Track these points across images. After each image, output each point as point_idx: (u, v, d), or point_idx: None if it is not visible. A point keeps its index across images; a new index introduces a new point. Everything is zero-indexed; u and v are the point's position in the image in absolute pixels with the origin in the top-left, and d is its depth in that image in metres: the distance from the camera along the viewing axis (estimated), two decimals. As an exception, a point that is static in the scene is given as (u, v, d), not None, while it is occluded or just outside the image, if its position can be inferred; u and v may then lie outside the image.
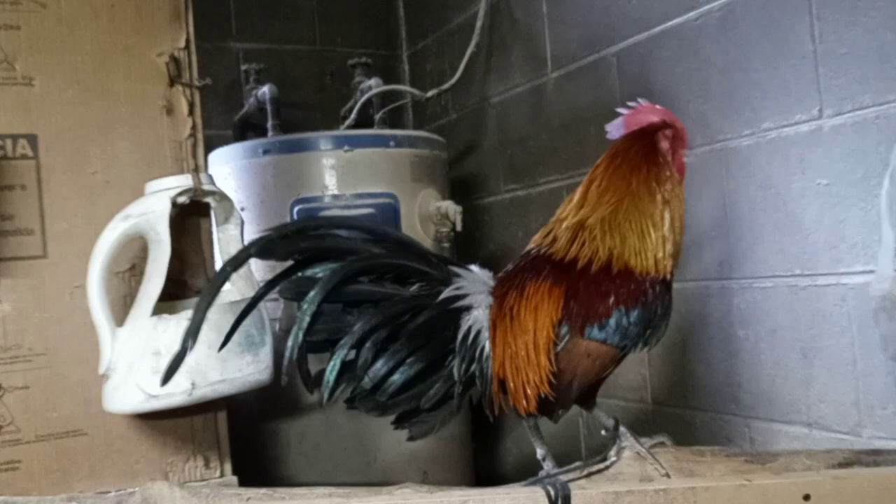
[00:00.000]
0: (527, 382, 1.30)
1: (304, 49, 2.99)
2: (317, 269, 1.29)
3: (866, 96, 1.58)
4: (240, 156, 2.28)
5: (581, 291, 1.31)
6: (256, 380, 1.53)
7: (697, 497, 1.22)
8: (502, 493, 1.26)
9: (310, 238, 1.31)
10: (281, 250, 1.30)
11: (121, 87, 1.60)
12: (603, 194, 1.36)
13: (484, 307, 1.33)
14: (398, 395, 1.30)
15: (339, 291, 1.28)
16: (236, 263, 1.29)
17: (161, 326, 1.47)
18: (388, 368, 1.28)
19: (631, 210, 1.33)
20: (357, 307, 1.30)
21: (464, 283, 1.34)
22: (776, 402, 1.79)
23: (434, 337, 1.31)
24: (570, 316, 1.30)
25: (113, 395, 1.49)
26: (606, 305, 1.30)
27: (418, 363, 1.30)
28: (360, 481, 2.10)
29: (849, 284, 1.63)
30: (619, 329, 1.30)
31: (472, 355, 1.32)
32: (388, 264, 1.33)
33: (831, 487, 1.22)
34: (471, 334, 1.32)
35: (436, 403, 1.32)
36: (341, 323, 1.28)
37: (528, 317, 1.31)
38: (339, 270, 1.27)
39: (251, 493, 1.38)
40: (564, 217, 1.39)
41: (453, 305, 1.33)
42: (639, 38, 2.08)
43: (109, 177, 1.60)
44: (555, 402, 1.32)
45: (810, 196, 1.70)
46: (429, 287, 1.33)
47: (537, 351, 1.30)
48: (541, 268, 1.35)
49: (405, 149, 2.29)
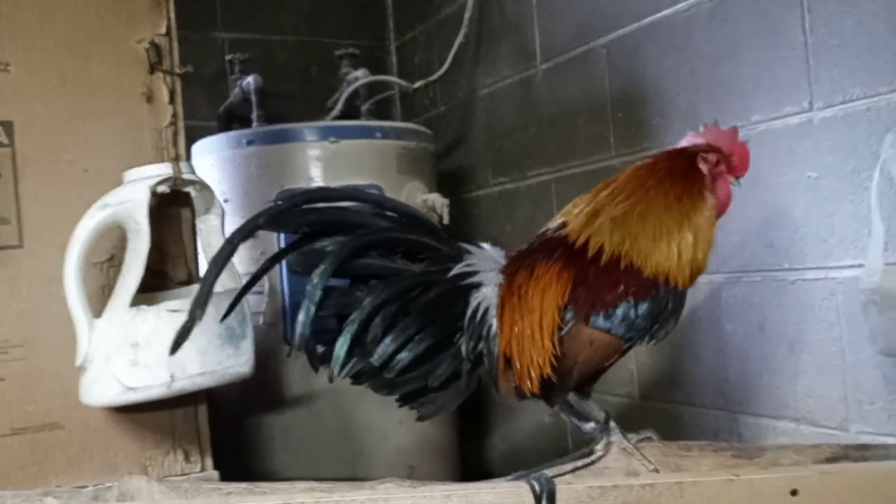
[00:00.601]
0: (531, 363, 1.29)
1: (291, 39, 2.96)
2: (325, 243, 1.26)
3: (857, 88, 1.56)
4: (223, 146, 2.25)
5: (590, 279, 1.30)
6: (237, 373, 1.50)
7: (684, 492, 1.21)
8: (486, 488, 1.24)
9: (319, 210, 1.29)
10: (290, 221, 1.27)
11: (99, 74, 1.57)
12: (620, 193, 1.35)
13: (493, 285, 1.32)
14: (407, 373, 1.28)
15: (349, 265, 1.26)
16: (244, 234, 1.25)
17: (140, 318, 1.44)
18: (398, 345, 1.26)
19: (646, 214, 1.31)
20: (366, 282, 1.28)
21: (474, 261, 1.33)
22: (764, 397, 1.78)
23: (444, 313, 1.29)
24: (576, 302, 1.29)
25: (90, 388, 1.47)
26: (614, 295, 1.29)
27: (427, 340, 1.27)
28: (346, 476, 2.08)
29: (837, 278, 1.62)
30: (625, 320, 1.29)
31: (479, 333, 1.30)
32: (399, 238, 1.31)
33: (819, 482, 1.21)
34: (479, 312, 1.30)
35: (444, 382, 1.30)
36: (350, 298, 1.26)
37: (536, 298, 1.30)
38: (349, 243, 1.25)
39: (231, 487, 1.37)
40: (581, 204, 1.38)
41: (463, 282, 1.31)
42: (628, 30, 2.06)
43: (87, 165, 1.57)
44: (556, 385, 1.31)
45: (800, 189, 1.68)
46: (439, 263, 1.31)
47: (542, 332, 1.28)
48: (553, 250, 1.33)
49: (392, 140, 2.27)
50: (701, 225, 1.32)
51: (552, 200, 2.34)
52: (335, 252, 1.24)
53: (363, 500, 1.21)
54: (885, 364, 1.53)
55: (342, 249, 1.24)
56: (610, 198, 1.35)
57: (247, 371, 1.52)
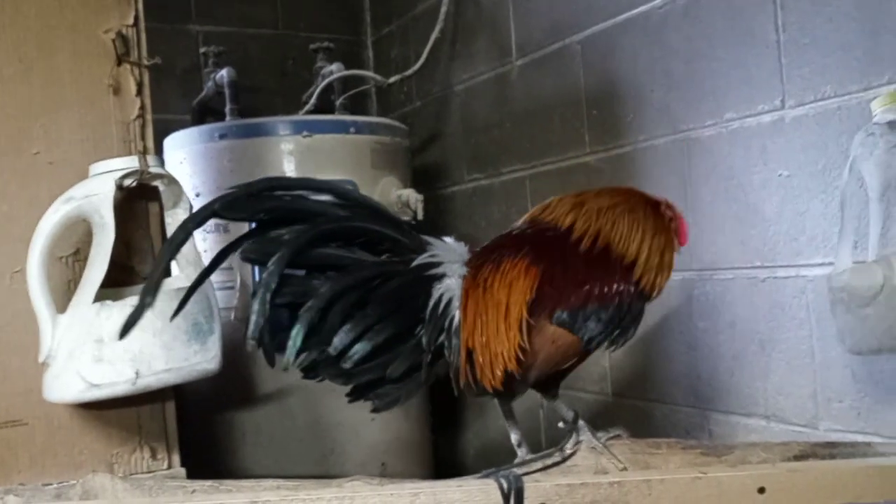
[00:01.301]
0: (494, 357, 1.28)
1: (267, 33, 2.93)
2: (283, 231, 1.24)
3: (828, 87, 1.57)
4: (195, 140, 2.23)
5: (557, 276, 1.30)
6: (204, 369, 1.48)
7: (652, 489, 1.21)
8: (454, 485, 1.24)
9: (277, 198, 1.26)
10: (247, 208, 1.25)
11: (65, 65, 1.54)
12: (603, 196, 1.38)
13: (457, 276, 1.31)
14: (364, 363, 1.25)
15: (307, 254, 1.24)
16: (198, 220, 1.23)
17: (104, 313, 1.42)
18: (356, 334, 1.24)
19: (627, 214, 1.35)
20: (323, 273, 1.25)
21: (437, 252, 1.32)
22: (735, 395, 1.78)
23: (405, 304, 1.28)
24: (542, 297, 1.29)
25: (53, 384, 1.44)
26: (579, 295, 1.29)
27: (387, 330, 1.26)
28: (318, 473, 2.07)
29: (808, 277, 1.62)
30: (587, 321, 1.29)
31: (441, 325, 1.28)
32: (359, 228, 1.29)
33: (786, 480, 1.21)
34: (442, 303, 1.29)
35: (402, 374, 1.28)
36: (307, 287, 1.24)
37: (502, 291, 1.29)
38: (307, 231, 1.23)
39: (196, 485, 1.35)
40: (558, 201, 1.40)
41: (426, 273, 1.30)
42: (604, 26, 2.06)
43: (53, 157, 1.55)
44: (516, 381, 1.30)
45: (772, 187, 1.68)
46: (400, 254, 1.30)
47: (508, 325, 1.28)
48: (520, 246, 1.33)
49: (366, 135, 2.25)
50: (671, 239, 1.36)
51: (527, 197, 2.34)
52: (292, 240, 1.22)
53: (329, 498, 1.20)
54: (853, 362, 1.53)
55: (299, 238, 1.22)
56: (594, 199, 1.37)
57: (214, 367, 1.50)
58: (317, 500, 1.19)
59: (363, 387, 1.29)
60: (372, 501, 1.20)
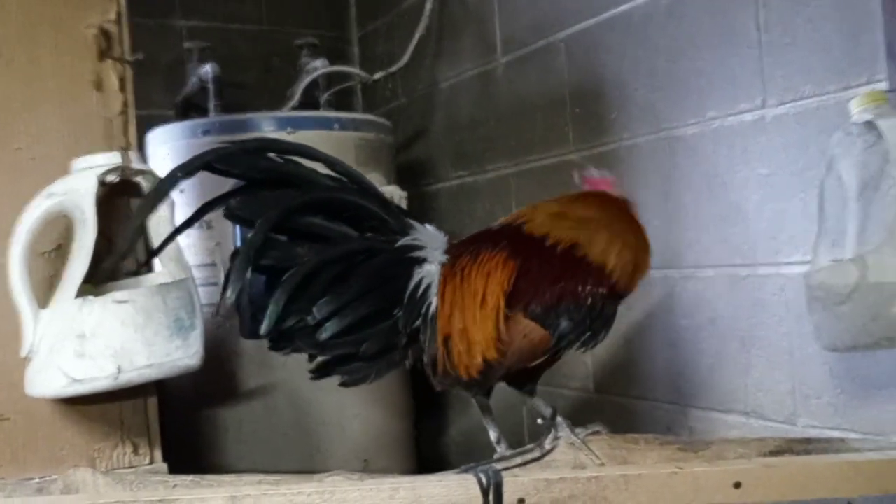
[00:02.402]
0: (472, 344, 1.28)
1: (252, 28, 2.93)
2: (272, 194, 1.22)
3: (808, 86, 1.58)
4: (179, 136, 2.23)
5: (533, 271, 1.31)
6: (186, 365, 1.48)
7: (629, 484, 1.22)
8: (434, 480, 1.24)
9: (271, 159, 1.25)
10: (241, 164, 1.23)
11: (48, 61, 1.54)
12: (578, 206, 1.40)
13: (437, 263, 1.31)
14: (339, 337, 1.24)
15: (295, 220, 1.22)
16: (188, 170, 1.20)
17: (86, 309, 1.42)
18: (336, 307, 1.23)
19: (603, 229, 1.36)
20: (308, 241, 1.24)
21: (420, 236, 1.32)
22: (715, 391, 1.80)
23: (386, 284, 1.28)
24: (518, 291, 1.30)
25: (35, 379, 1.44)
26: (554, 291, 1.30)
27: (365, 307, 1.25)
28: (301, 469, 2.07)
29: (787, 274, 1.64)
30: (559, 318, 1.30)
31: (419, 309, 1.29)
32: (351, 202, 1.28)
33: (762, 475, 1.22)
34: (421, 287, 1.29)
35: (376, 353, 1.28)
36: (291, 253, 1.23)
37: (479, 280, 1.30)
38: (298, 197, 1.22)
39: (178, 480, 1.36)
40: (537, 206, 1.41)
41: (409, 255, 1.30)
42: (588, 24, 2.06)
43: (35, 153, 1.55)
44: (492, 371, 1.31)
45: (753, 186, 1.70)
46: (385, 233, 1.30)
47: (485, 314, 1.28)
48: (497, 241, 1.34)
49: (350, 132, 2.26)
50: (646, 239, 1.39)
51: (511, 194, 2.35)
52: (284, 203, 1.20)
53: (310, 493, 1.21)
54: (831, 359, 1.55)
55: (290, 202, 1.21)
56: (571, 209, 1.39)
57: (195, 363, 1.50)
58: (297, 494, 1.20)
59: (334, 361, 1.28)
60: (352, 496, 1.21)
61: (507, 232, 1.36)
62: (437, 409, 2.68)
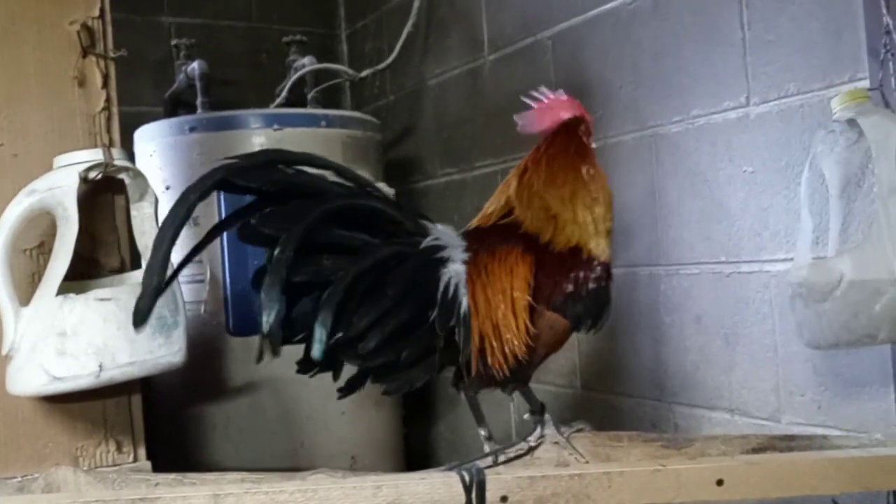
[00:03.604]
0: (506, 342, 1.28)
1: (240, 25, 2.92)
2: (288, 207, 1.18)
3: (791, 84, 1.58)
4: (165, 133, 2.22)
5: (547, 264, 1.33)
6: (168, 362, 1.48)
7: (612, 482, 1.22)
8: (417, 478, 1.24)
9: (282, 171, 1.21)
10: (255, 178, 1.18)
11: (30, 57, 1.54)
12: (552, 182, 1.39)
13: (460, 262, 1.30)
14: (382, 346, 1.22)
15: (318, 232, 1.19)
16: (201, 192, 1.14)
17: (67, 306, 1.41)
18: (376, 316, 1.21)
19: (580, 197, 1.37)
20: (331, 252, 1.21)
21: (439, 235, 1.31)
22: (700, 388, 1.80)
23: (418, 288, 1.26)
24: (539, 285, 1.31)
25: (16, 377, 1.44)
26: (568, 281, 1.32)
27: (403, 313, 1.23)
28: (288, 467, 2.07)
29: (771, 272, 1.64)
30: (575, 305, 1.32)
31: (452, 309, 1.27)
32: (369, 207, 1.25)
33: (744, 472, 1.23)
34: (451, 288, 1.27)
35: (417, 357, 1.26)
36: (320, 266, 1.19)
37: (505, 277, 1.30)
38: (318, 208, 1.18)
39: (160, 478, 1.36)
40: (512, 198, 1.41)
41: (434, 256, 1.28)
42: (574, 22, 2.07)
43: (17, 150, 1.54)
44: (524, 367, 1.31)
45: (737, 183, 1.70)
46: (404, 236, 1.27)
47: (516, 313, 1.29)
48: (507, 235, 1.35)
49: (337, 129, 2.25)
50: (607, 194, 1.39)
51: (498, 191, 2.34)
52: (307, 215, 1.16)
53: (292, 491, 1.20)
54: (814, 356, 1.56)
55: (312, 213, 1.17)
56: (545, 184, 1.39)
57: (178, 361, 1.50)
58: (279, 492, 1.20)
59: (376, 370, 1.26)
60: (334, 494, 1.21)
61: (506, 227, 1.36)
62: (424, 406, 2.68)
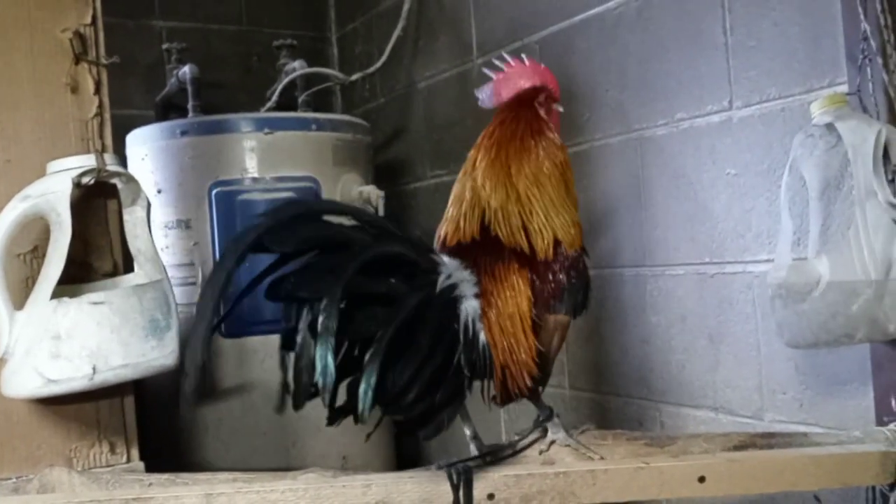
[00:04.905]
0: (523, 365, 1.31)
1: (231, 29, 2.94)
2: (318, 262, 1.18)
3: (773, 88, 1.61)
4: (157, 137, 2.24)
5: (539, 270, 1.34)
6: (161, 364, 1.50)
7: (596, 479, 1.25)
8: (406, 477, 1.27)
9: (312, 227, 1.20)
10: (290, 240, 1.17)
11: (23, 64, 1.56)
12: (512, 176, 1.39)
13: (472, 296, 1.30)
14: (421, 396, 1.22)
15: (353, 288, 1.17)
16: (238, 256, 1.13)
17: (61, 310, 1.43)
18: (415, 367, 1.20)
19: (540, 191, 1.37)
20: (360, 304, 1.19)
21: (450, 271, 1.30)
22: (685, 387, 1.83)
23: (444, 330, 1.26)
24: (538, 295, 1.33)
25: (11, 380, 1.46)
26: (560, 279, 1.34)
27: (436, 359, 1.23)
28: (280, 467, 2.09)
29: (754, 272, 1.67)
30: (570, 298, 1.35)
31: (474, 346, 1.28)
32: (392, 253, 1.24)
33: (725, 469, 1.26)
34: (470, 325, 1.28)
35: (448, 399, 1.26)
36: (355, 324, 1.18)
37: (511, 301, 1.32)
38: (351, 263, 1.17)
39: (153, 478, 1.37)
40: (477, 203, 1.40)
41: (451, 295, 1.28)
42: (561, 26, 2.09)
43: (10, 156, 1.56)
44: (540, 381, 1.34)
45: (720, 186, 1.73)
46: (421, 276, 1.26)
47: (526, 334, 1.31)
48: (499, 251, 1.36)
49: (327, 132, 2.28)
50: (570, 174, 1.41)
51: (487, 193, 2.36)
52: (340, 273, 1.16)
53: (283, 490, 1.23)
54: (796, 355, 1.59)
55: (345, 271, 1.16)
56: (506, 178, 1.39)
57: (171, 363, 1.52)
58: (270, 491, 1.22)
59: (417, 417, 1.25)
60: (325, 493, 1.23)
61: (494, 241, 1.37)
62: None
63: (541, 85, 1.41)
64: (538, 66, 1.43)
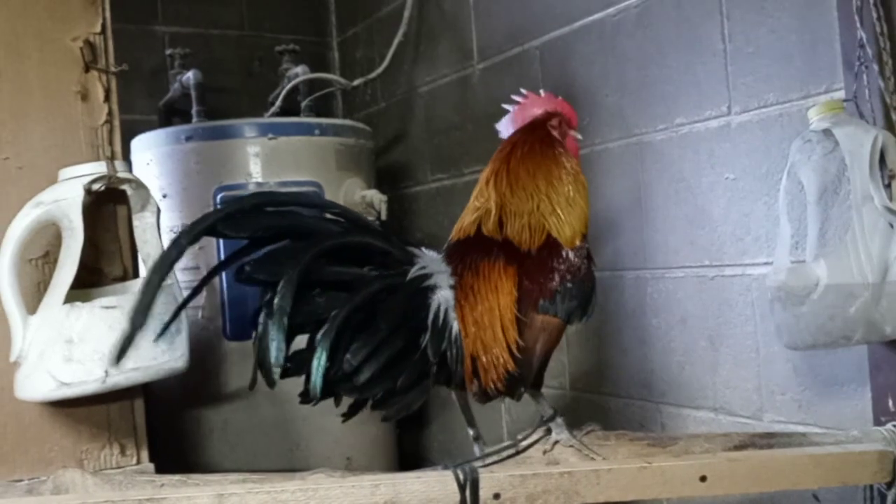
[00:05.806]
0: (496, 361, 1.33)
1: (233, 34, 2.96)
2: (281, 249, 1.24)
3: (771, 94, 1.64)
4: (162, 142, 2.26)
5: (530, 269, 1.36)
6: (171, 367, 1.52)
7: (600, 479, 1.27)
8: (413, 477, 1.29)
9: (271, 214, 1.26)
10: (246, 226, 1.24)
11: (34, 73, 1.58)
12: (517, 183, 1.42)
13: (447, 287, 1.35)
14: (377, 377, 1.27)
15: (313, 271, 1.24)
16: (192, 236, 1.20)
17: (73, 314, 1.46)
18: (370, 349, 1.26)
19: (550, 193, 1.40)
20: (323, 289, 1.26)
21: (426, 263, 1.35)
22: (685, 388, 1.86)
23: (409, 317, 1.31)
24: (525, 293, 1.35)
25: (24, 383, 1.48)
26: (552, 280, 1.36)
27: (396, 344, 1.29)
28: (284, 468, 2.11)
29: (753, 275, 1.70)
30: (564, 301, 1.36)
31: (443, 335, 1.32)
32: (359, 243, 1.30)
33: (726, 468, 1.28)
34: (440, 314, 1.33)
35: (412, 383, 1.31)
36: (314, 306, 1.25)
37: (491, 296, 1.34)
38: (310, 249, 1.23)
39: (165, 479, 1.39)
40: (483, 207, 1.44)
41: (422, 285, 1.33)
42: (561, 32, 2.12)
43: (22, 163, 1.58)
44: (519, 379, 1.36)
45: (719, 190, 1.76)
46: (392, 266, 1.32)
47: (504, 328, 1.33)
48: (488, 249, 1.38)
49: (330, 137, 2.30)
50: (581, 184, 1.42)
51: (488, 197, 2.39)
52: (301, 258, 1.22)
53: (293, 490, 1.25)
54: (795, 357, 1.61)
55: (306, 255, 1.22)
56: (510, 185, 1.42)
57: (181, 366, 1.54)
58: (281, 492, 1.25)
59: (374, 398, 1.31)
60: (334, 493, 1.25)
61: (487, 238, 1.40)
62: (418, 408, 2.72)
63: (554, 111, 1.45)
64: (554, 98, 1.48)
